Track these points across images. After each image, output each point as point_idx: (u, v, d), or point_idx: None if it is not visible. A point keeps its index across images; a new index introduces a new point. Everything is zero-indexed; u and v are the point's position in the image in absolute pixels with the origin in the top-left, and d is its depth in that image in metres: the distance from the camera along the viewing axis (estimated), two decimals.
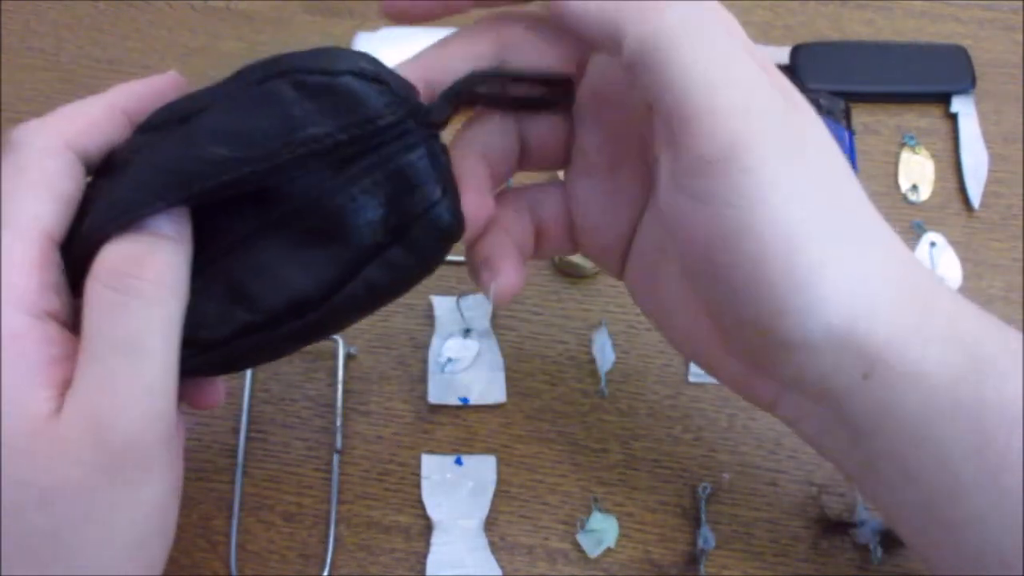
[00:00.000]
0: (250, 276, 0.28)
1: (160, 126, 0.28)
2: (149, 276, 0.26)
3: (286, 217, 0.28)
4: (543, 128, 0.32)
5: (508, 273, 0.32)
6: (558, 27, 0.30)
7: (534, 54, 0.30)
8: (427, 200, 0.27)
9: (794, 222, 0.27)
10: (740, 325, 0.29)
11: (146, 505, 0.27)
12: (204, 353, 0.28)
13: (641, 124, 0.30)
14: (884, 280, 0.28)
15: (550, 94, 0.31)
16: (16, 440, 0.25)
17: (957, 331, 0.28)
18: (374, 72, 0.27)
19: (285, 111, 0.27)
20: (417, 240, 0.28)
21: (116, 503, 0.27)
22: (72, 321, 0.28)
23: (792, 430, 0.32)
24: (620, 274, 0.34)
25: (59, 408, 0.26)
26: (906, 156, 0.49)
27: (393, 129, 0.27)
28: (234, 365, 0.30)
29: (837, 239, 0.27)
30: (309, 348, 0.43)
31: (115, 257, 0.27)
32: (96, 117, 0.29)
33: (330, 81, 0.27)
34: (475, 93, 0.29)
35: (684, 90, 0.26)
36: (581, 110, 0.32)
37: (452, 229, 0.28)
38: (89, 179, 0.29)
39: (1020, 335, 0.29)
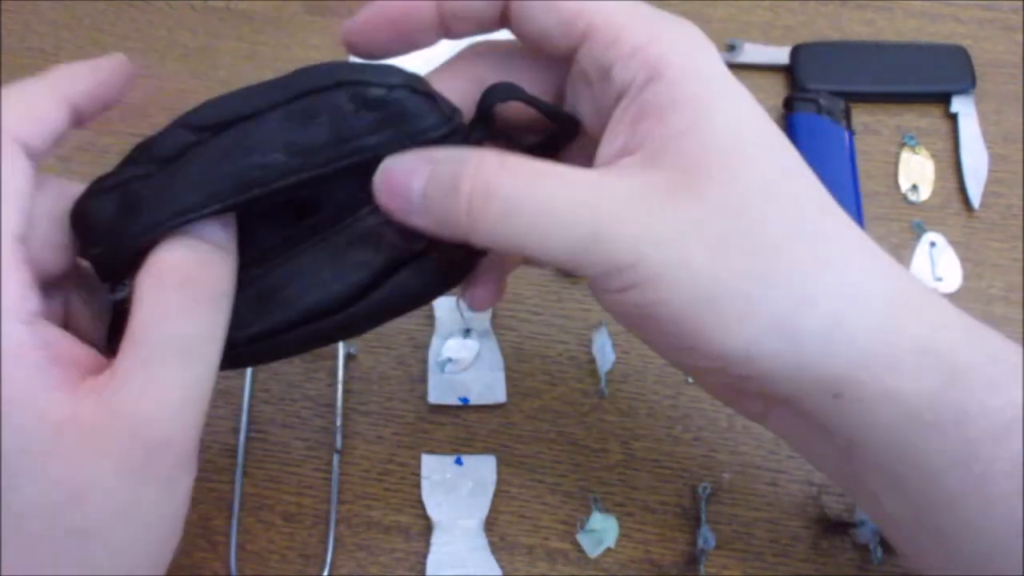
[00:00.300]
0: (282, 281, 0.29)
1: (208, 127, 0.28)
2: (211, 282, 0.27)
3: (321, 224, 0.29)
4: None
5: (483, 288, 0.32)
6: (534, 60, 0.30)
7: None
8: None
9: (698, 275, 0.26)
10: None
11: (175, 504, 0.28)
12: (228, 351, 0.28)
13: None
14: (849, 298, 0.27)
15: (562, 131, 0.31)
16: (38, 444, 0.25)
17: (937, 343, 0.27)
18: (424, 88, 0.28)
19: (343, 122, 0.27)
20: (448, 251, 0.29)
21: (149, 502, 0.27)
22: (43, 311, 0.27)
23: (785, 442, 0.32)
24: None
25: (78, 404, 0.26)
26: (906, 156, 0.49)
27: (439, 144, 0.28)
28: (249, 362, 0.31)
29: (776, 267, 0.27)
30: None
31: (178, 260, 0.27)
32: (40, 107, 0.28)
33: (386, 95, 0.27)
34: (500, 127, 0.30)
35: None
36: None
37: None
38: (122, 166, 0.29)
39: (1013, 344, 0.28)
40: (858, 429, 0.28)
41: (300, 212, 0.29)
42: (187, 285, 0.27)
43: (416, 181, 0.27)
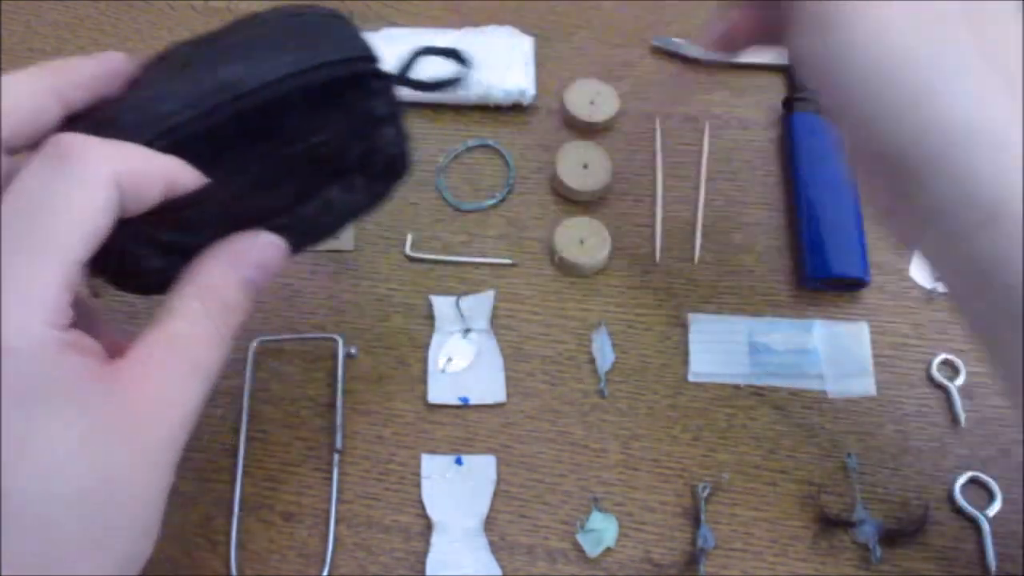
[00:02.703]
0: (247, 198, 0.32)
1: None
2: (241, 320, 0.32)
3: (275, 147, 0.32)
4: None
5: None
6: None
7: None
8: (387, 138, 0.34)
9: None
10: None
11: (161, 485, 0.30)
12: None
13: None
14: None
15: None
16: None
17: None
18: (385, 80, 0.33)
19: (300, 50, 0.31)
20: (376, 169, 0.34)
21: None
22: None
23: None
24: None
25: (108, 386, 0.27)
26: None
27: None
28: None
29: None
30: (309, 348, 0.43)
31: (227, 289, 0.31)
32: (29, 101, 0.29)
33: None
34: None
35: None
36: None
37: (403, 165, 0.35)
38: None
39: None
40: (996, 263, 0.28)
41: (266, 136, 0.32)
42: (230, 316, 0.30)
43: None
